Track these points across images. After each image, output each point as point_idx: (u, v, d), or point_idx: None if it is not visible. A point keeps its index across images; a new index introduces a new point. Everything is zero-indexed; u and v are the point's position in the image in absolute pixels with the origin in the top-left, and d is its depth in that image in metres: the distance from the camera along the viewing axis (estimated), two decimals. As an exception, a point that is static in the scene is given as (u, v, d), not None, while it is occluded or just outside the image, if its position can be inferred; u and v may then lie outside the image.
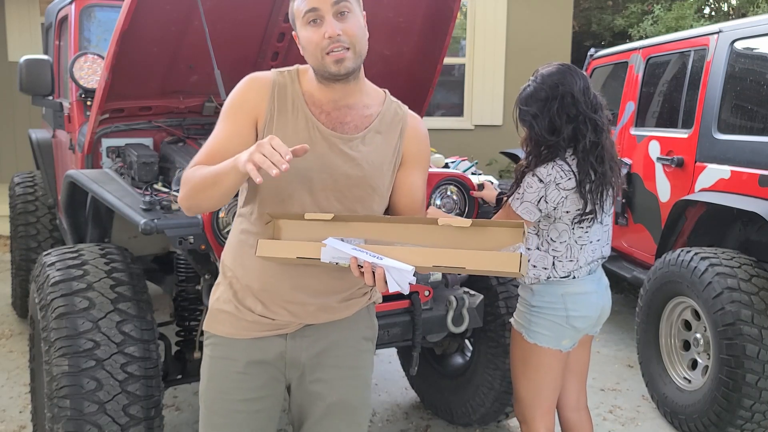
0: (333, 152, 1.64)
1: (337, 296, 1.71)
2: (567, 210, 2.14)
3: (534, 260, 2.20)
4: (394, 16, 3.03)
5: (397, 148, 1.72)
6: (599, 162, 2.12)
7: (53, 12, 4.18)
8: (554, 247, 2.18)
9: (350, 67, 1.60)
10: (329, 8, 1.56)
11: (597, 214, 2.15)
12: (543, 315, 2.21)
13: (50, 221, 4.54)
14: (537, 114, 2.14)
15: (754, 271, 3.14)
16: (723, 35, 3.69)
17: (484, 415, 3.19)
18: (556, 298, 2.20)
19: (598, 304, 2.26)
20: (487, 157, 7.63)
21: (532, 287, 2.23)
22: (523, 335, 2.25)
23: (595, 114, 2.14)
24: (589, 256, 2.22)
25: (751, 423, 3.01)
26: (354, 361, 1.77)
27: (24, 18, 8.24)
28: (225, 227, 2.37)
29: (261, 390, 1.72)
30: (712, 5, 10.97)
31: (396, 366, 3.95)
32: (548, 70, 2.18)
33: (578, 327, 2.22)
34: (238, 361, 1.70)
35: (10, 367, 4.00)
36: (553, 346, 2.22)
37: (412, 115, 1.77)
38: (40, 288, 2.41)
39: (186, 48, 2.83)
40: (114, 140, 3.09)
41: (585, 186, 2.10)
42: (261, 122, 1.64)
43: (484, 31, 8.40)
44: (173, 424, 3.33)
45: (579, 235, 2.18)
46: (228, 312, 1.71)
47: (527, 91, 2.20)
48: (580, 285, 2.21)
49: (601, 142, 2.13)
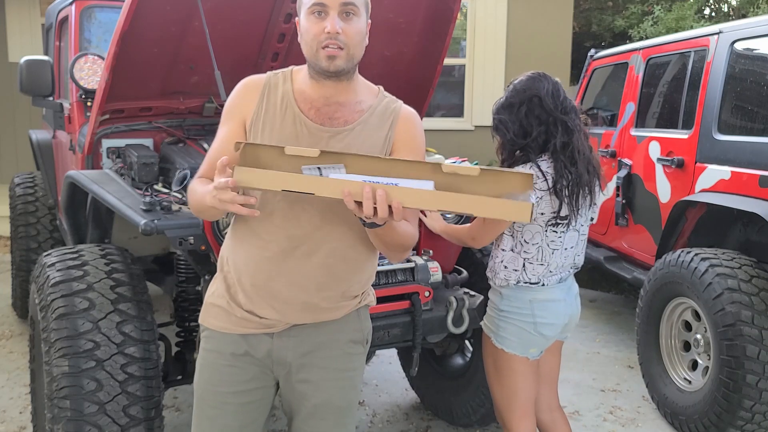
0: (319, 146, 1.63)
1: (325, 293, 1.70)
2: (542, 212, 2.15)
3: (506, 261, 2.22)
4: (394, 17, 3.03)
5: (388, 137, 1.72)
6: (572, 162, 2.14)
7: (53, 13, 4.18)
8: (526, 248, 2.19)
9: (341, 66, 1.62)
10: (337, 6, 1.59)
11: (572, 219, 2.17)
12: (511, 320, 2.22)
13: (50, 222, 4.54)
14: (507, 120, 2.20)
15: (755, 272, 3.14)
16: (723, 36, 3.69)
17: (485, 415, 3.19)
18: (524, 304, 2.20)
19: (565, 313, 2.26)
20: (488, 157, 7.63)
21: (501, 291, 2.24)
22: (492, 340, 2.27)
23: (566, 116, 2.17)
24: (560, 261, 2.22)
25: (752, 424, 3.00)
26: (341, 363, 1.78)
27: (24, 19, 8.25)
28: (225, 228, 2.37)
29: (250, 383, 1.74)
30: (712, 6, 10.98)
31: (396, 367, 3.95)
32: (519, 80, 2.25)
33: (546, 335, 2.23)
34: (227, 355, 1.73)
35: (11, 368, 4.00)
36: (519, 353, 2.23)
37: (407, 108, 1.78)
38: (40, 289, 2.41)
39: (186, 49, 2.83)
40: (114, 141, 3.09)
41: (558, 186, 2.11)
42: (249, 119, 1.68)
43: (484, 32, 8.40)
44: (173, 425, 3.33)
45: (552, 239, 2.19)
46: (220, 306, 1.75)
47: (500, 101, 2.26)
48: (548, 292, 2.22)
49: (573, 143, 2.15)
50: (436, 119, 8.46)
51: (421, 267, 2.65)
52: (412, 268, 2.65)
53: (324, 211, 1.64)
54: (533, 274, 2.20)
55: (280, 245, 1.66)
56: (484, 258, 3.09)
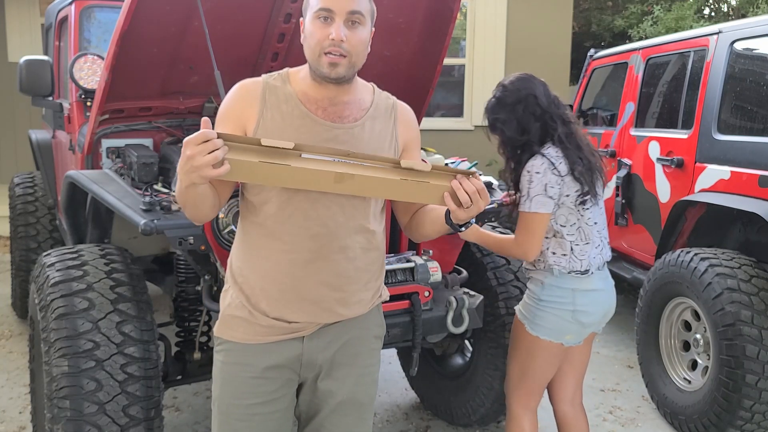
0: (335, 142, 1.65)
1: (353, 287, 1.72)
2: (567, 194, 2.21)
3: (552, 248, 2.26)
4: (394, 17, 3.02)
5: (394, 134, 1.76)
6: (578, 149, 2.24)
7: (53, 13, 4.18)
8: (567, 232, 2.24)
9: (342, 73, 1.62)
10: (344, 13, 1.59)
11: (592, 194, 2.24)
12: (549, 310, 2.26)
13: (50, 222, 4.54)
14: (505, 119, 2.28)
15: (754, 272, 3.14)
16: (723, 36, 3.70)
17: (484, 415, 3.19)
18: (566, 293, 2.25)
19: (606, 302, 2.32)
20: (487, 157, 7.62)
21: (544, 280, 2.28)
22: (526, 327, 2.31)
23: (560, 110, 2.29)
24: (597, 236, 2.28)
25: (751, 423, 3.00)
26: (365, 359, 1.80)
27: (24, 19, 8.25)
28: (225, 228, 2.37)
29: (277, 392, 1.73)
30: (711, 6, 10.98)
31: (396, 367, 3.95)
32: (509, 80, 2.34)
33: (583, 322, 2.27)
34: (253, 366, 1.70)
35: (10, 368, 4.00)
36: (554, 339, 2.28)
37: (401, 103, 1.82)
38: (39, 289, 2.41)
39: (186, 49, 2.83)
40: (114, 141, 3.09)
41: (576, 170, 2.20)
42: (251, 125, 1.65)
43: (484, 32, 8.40)
44: (173, 425, 3.33)
45: (586, 216, 2.25)
46: (241, 317, 1.71)
47: (493, 101, 2.34)
48: (590, 282, 2.26)
49: (573, 132, 2.27)
50: (435, 119, 8.46)
51: (420, 267, 2.65)
52: (411, 268, 2.65)
53: (344, 206, 1.66)
54: (583, 256, 2.24)
55: (305, 246, 1.65)
56: (484, 258, 3.10)
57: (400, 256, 2.69)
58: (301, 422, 1.85)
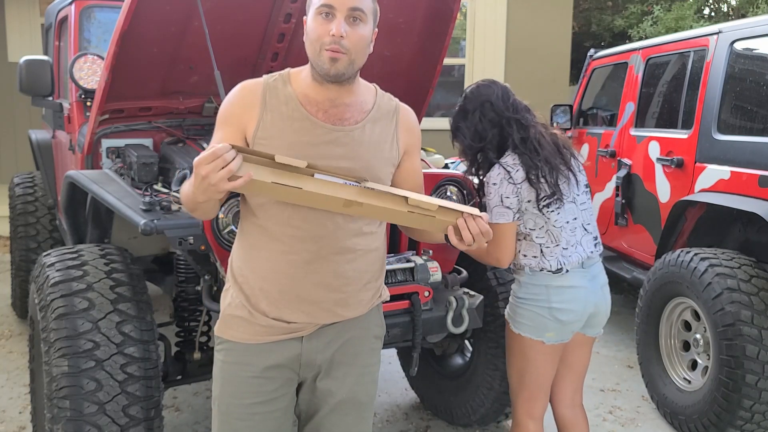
0: (335, 145, 1.65)
1: (352, 288, 1.72)
2: (528, 199, 2.24)
3: (523, 250, 2.30)
4: (394, 17, 3.02)
5: (395, 137, 1.76)
6: (536, 152, 2.26)
7: (53, 13, 4.18)
8: (536, 235, 2.27)
9: (341, 70, 1.62)
10: (345, 10, 1.59)
11: (559, 195, 2.25)
12: (526, 306, 2.30)
13: (50, 222, 4.54)
14: (463, 126, 2.37)
15: (754, 272, 3.14)
16: (723, 36, 3.70)
17: (484, 415, 3.19)
18: (540, 290, 2.28)
19: (588, 300, 2.30)
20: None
21: (520, 279, 2.33)
22: (510, 326, 2.37)
23: (517, 114, 2.32)
24: (569, 236, 2.28)
25: (751, 423, 3.01)
26: (365, 359, 1.81)
27: (24, 19, 8.25)
28: (225, 228, 2.37)
29: (277, 391, 1.73)
30: (711, 6, 10.98)
31: (396, 367, 3.95)
32: (471, 88, 2.41)
33: (562, 320, 2.27)
34: (253, 366, 1.71)
35: (10, 368, 4.00)
36: (534, 336, 2.30)
37: (404, 106, 1.82)
38: (39, 289, 2.41)
39: (186, 48, 2.83)
40: (114, 141, 3.09)
41: (532, 176, 2.23)
42: (252, 128, 1.65)
43: (484, 32, 8.40)
44: (173, 425, 3.33)
45: (553, 219, 2.26)
46: (241, 317, 1.72)
47: (456, 109, 2.42)
48: (566, 278, 2.27)
49: (530, 136, 2.28)
50: (435, 119, 8.44)
51: (420, 267, 2.65)
52: (411, 268, 2.65)
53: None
54: (552, 256, 2.26)
55: (305, 247, 1.66)
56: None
57: (400, 256, 2.69)
58: (300, 421, 1.86)
